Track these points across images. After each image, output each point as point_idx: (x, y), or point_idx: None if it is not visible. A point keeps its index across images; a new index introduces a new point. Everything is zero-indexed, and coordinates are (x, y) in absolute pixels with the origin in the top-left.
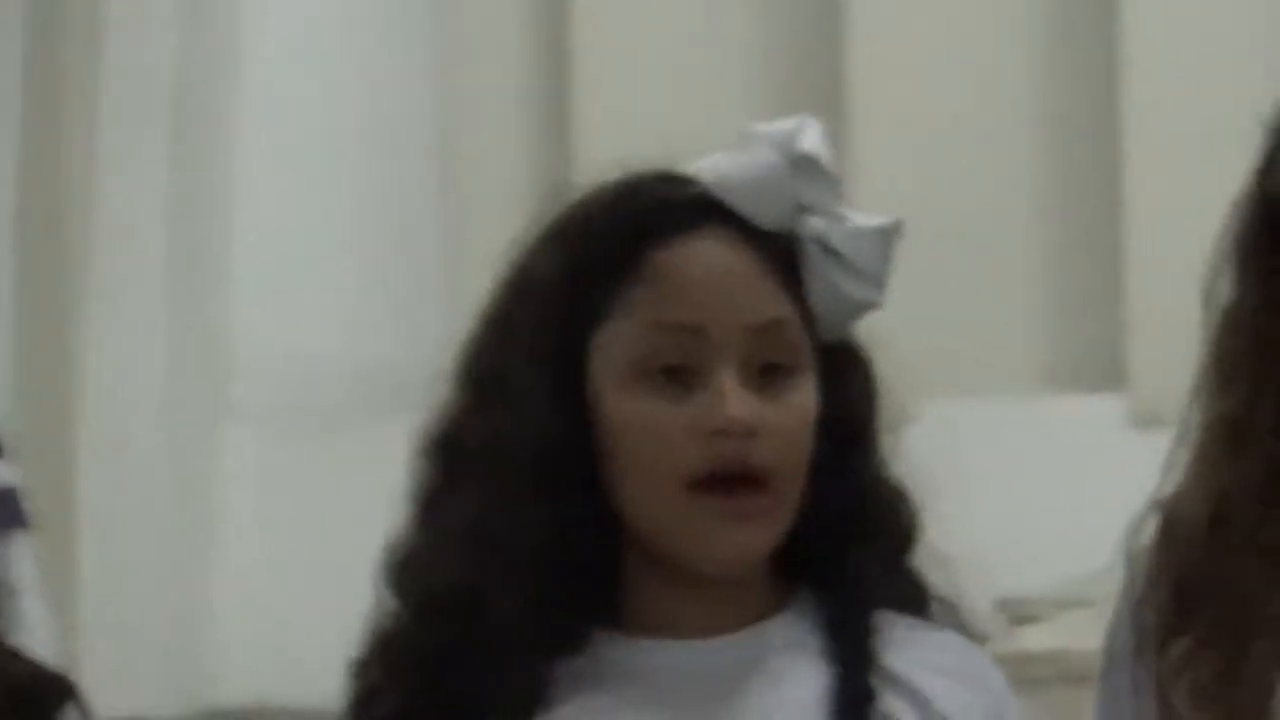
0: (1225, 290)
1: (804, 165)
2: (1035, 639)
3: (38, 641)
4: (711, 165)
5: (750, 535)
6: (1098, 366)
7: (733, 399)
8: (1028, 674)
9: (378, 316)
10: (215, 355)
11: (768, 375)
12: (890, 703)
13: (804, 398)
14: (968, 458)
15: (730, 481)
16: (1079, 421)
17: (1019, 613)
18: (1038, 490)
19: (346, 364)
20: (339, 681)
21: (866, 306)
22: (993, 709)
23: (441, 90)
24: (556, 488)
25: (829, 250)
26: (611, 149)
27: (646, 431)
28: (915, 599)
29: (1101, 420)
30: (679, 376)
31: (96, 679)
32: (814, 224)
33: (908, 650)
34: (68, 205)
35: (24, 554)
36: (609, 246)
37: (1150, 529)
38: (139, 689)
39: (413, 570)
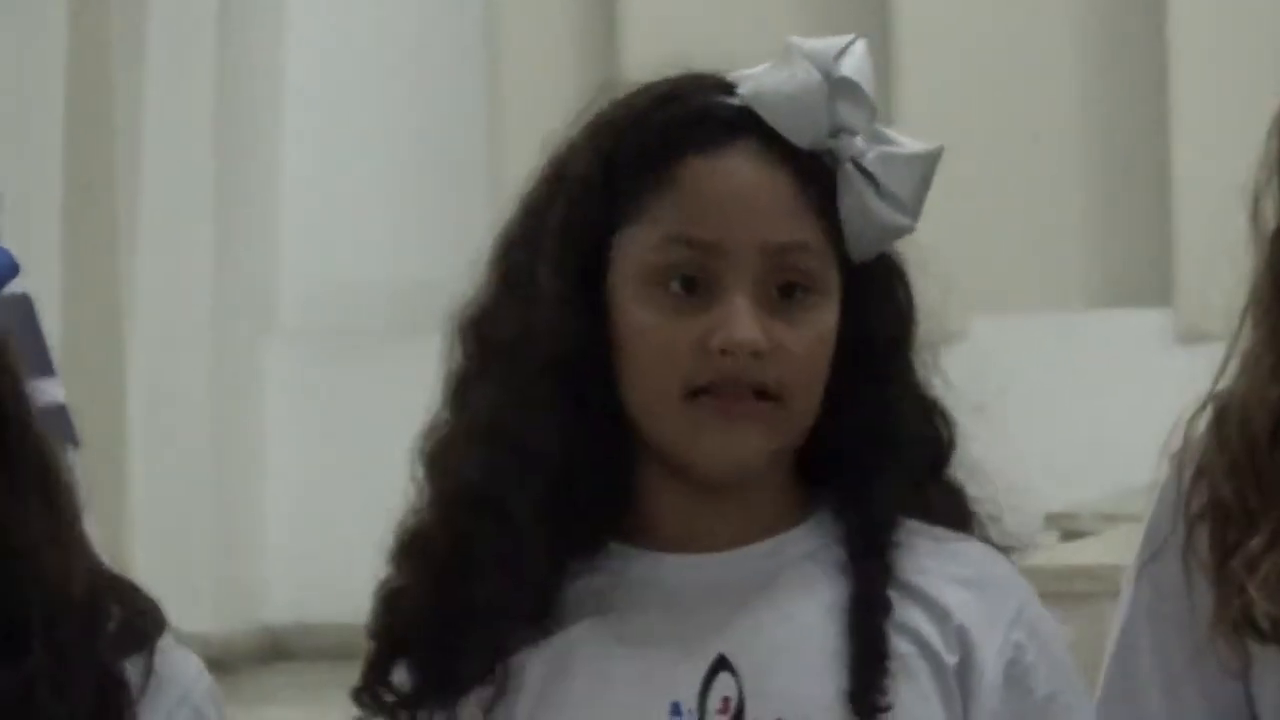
0: (1271, 210)
1: (844, 87)
2: (1084, 553)
3: None
4: (751, 78)
5: (744, 436)
6: (1144, 283)
7: (743, 321)
8: (1076, 589)
9: (417, 240)
10: (260, 276)
11: (786, 295)
12: (909, 613)
13: (821, 320)
14: (1017, 373)
15: (732, 390)
16: (1126, 337)
17: (1068, 527)
18: (1085, 405)
19: (386, 286)
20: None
21: (899, 231)
22: (1015, 614)
23: (489, 16)
24: (573, 390)
25: (864, 173)
26: (658, 68)
27: (654, 341)
28: (951, 512)
29: (1148, 335)
30: (694, 288)
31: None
32: (851, 145)
33: (929, 561)
34: (116, 124)
35: (73, 471)
36: (641, 152)
37: (1198, 425)
38: (191, 607)
39: (441, 460)
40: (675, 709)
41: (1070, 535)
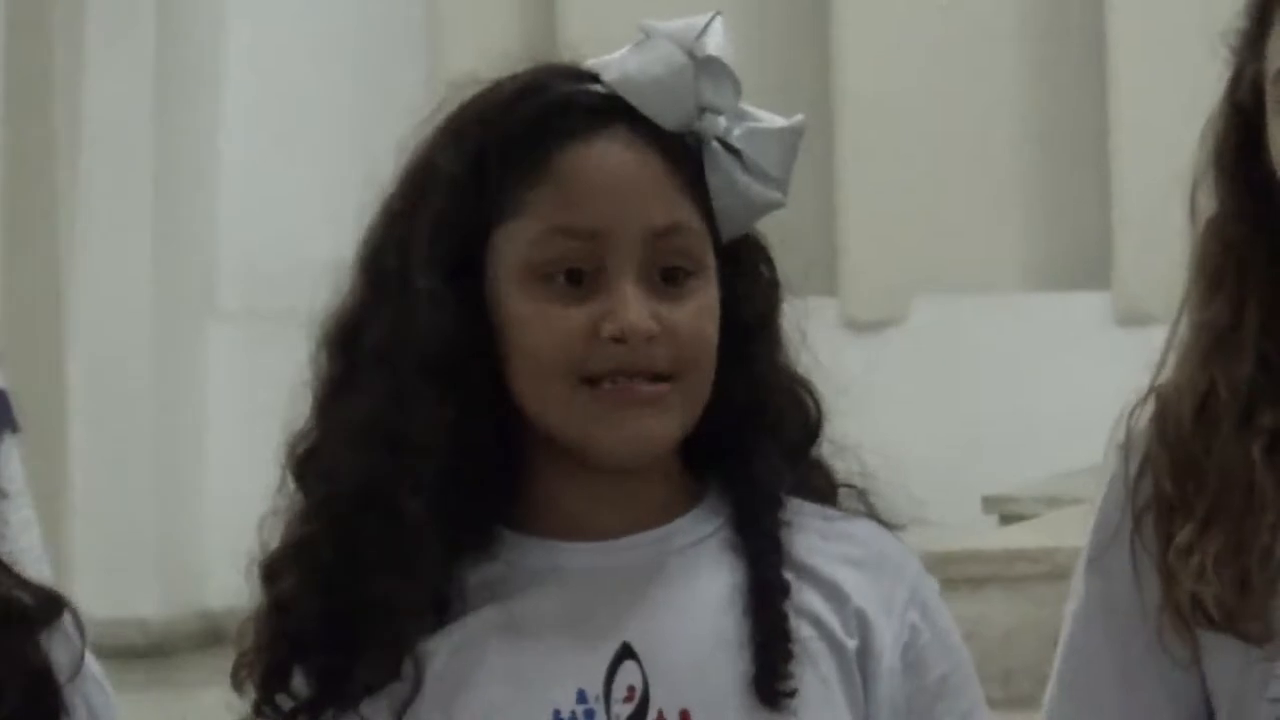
0: (1206, 201)
1: (709, 65)
2: (1023, 537)
3: (25, 544)
4: (614, 64)
5: (650, 423)
6: (1084, 266)
7: (633, 307)
8: (1016, 571)
9: (355, 223)
10: (200, 259)
11: (669, 278)
12: (806, 596)
13: (706, 300)
14: (958, 355)
15: (627, 377)
16: (1065, 319)
17: (1007, 510)
18: (1025, 388)
19: (324, 267)
20: None
21: (768, 206)
22: (910, 597)
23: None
24: (456, 385)
25: (731, 150)
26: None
27: (544, 332)
28: (823, 487)
29: (1087, 318)
30: (580, 278)
31: (87, 581)
32: (716, 124)
33: (820, 542)
34: (55, 109)
35: (12, 457)
36: (510, 145)
37: (1142, 417)
38: (131, 591)
39: (318, 468)
40: (581, 696)
41: (1009, 518)
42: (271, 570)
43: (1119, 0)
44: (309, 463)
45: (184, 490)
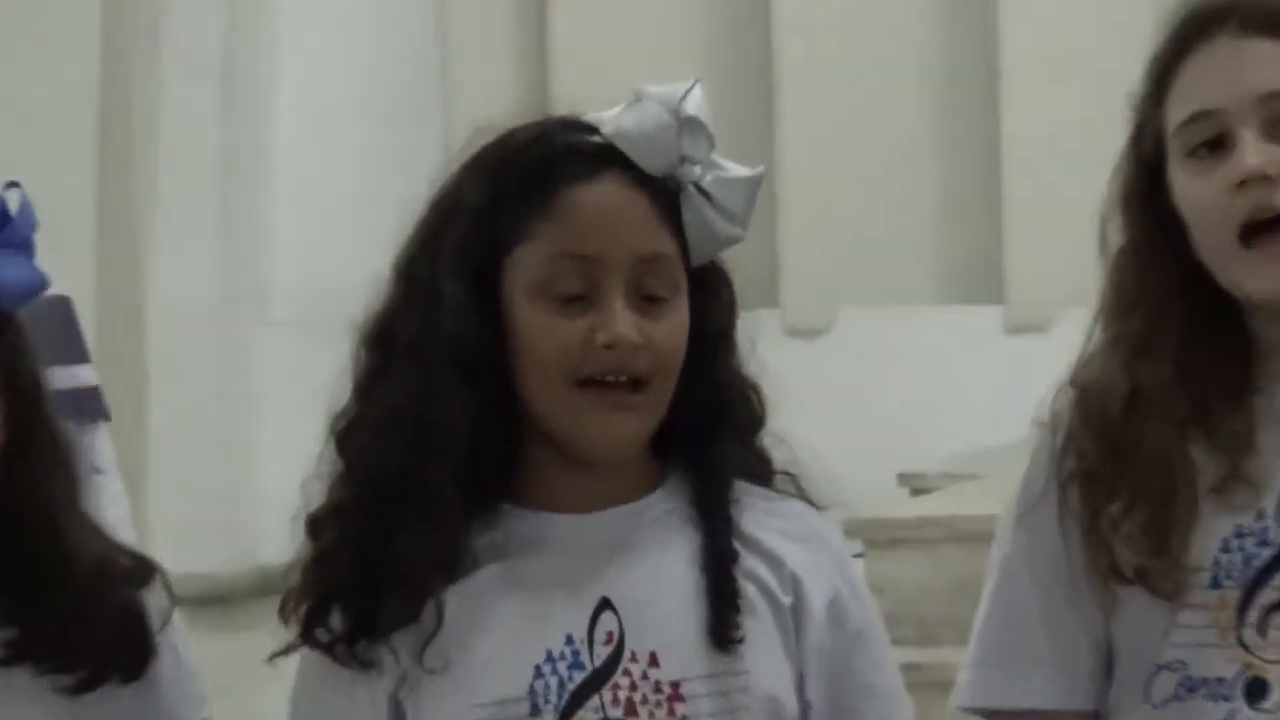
0: (1114, 234)
1: (689, 124)
2: (930, 505)
3: (116, 515)
4: (612, 120)
5: (625, 423)
6: (981, 283)
7: (621, 320)
8: (924, 535)
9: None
10: (257, 275)
11: (650, 299)
12: (751, 562)
13: (679, 318)
14: (879, 357)
15: (612, 383)
16: (965, 328)
17: (916, 485)
18: (931, 385)
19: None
20: None
21: (731, 240)
22: (834, 564)
23: (445, 59)
24: (473, 380)
25: (704, 193)
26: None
27: (547, 339)
28: (762, 471)
29: (982, 328)
30: (577, 294)
31: (164, 543)
32: (693, 172)
33: (763, 519)
34: (138, 153)
35: (105, 441)
36: (524, 183)
37: (1061, 403)
38: (200, 551)
39: (355, 443)
40: (569, 639)
41: (918, 491)
42: (314, 526)
43: (1011, 45)
44: (347, 437)
45: (242, 467)
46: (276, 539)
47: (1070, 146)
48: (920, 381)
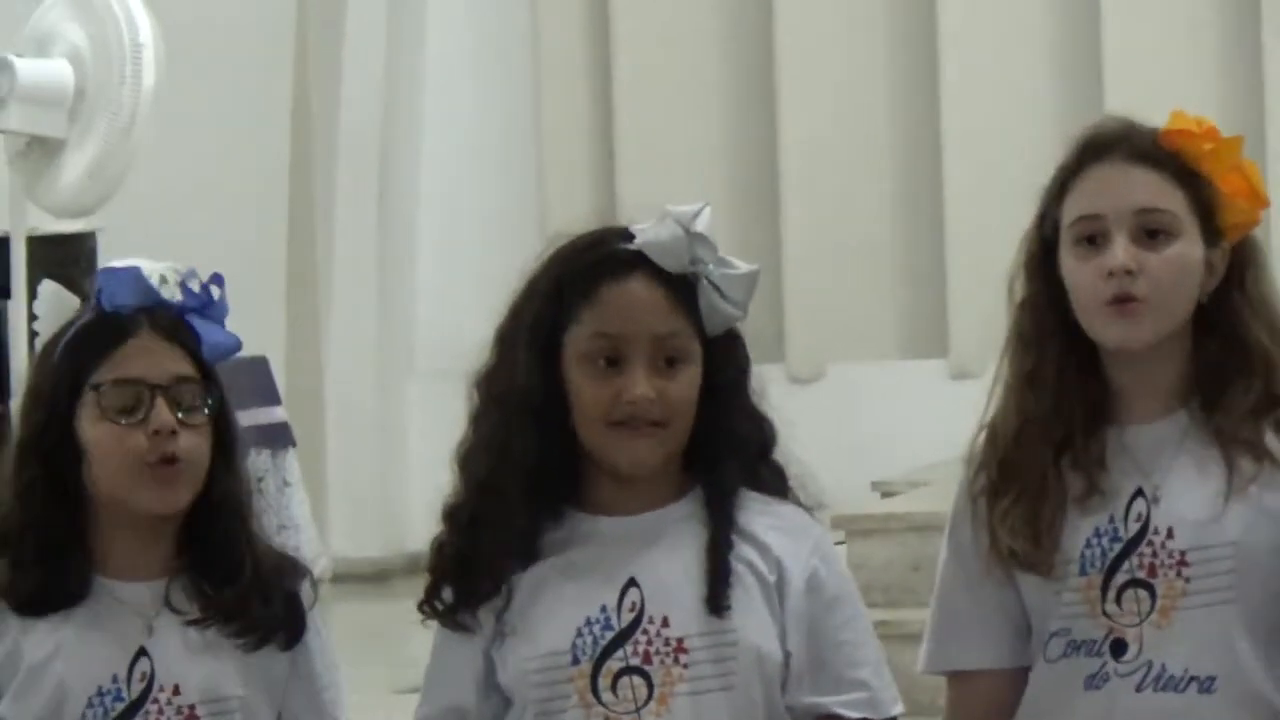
0: (1020, 289)
1: (698, 238)
2: (895, 505)
3: (302, 515)
4: (642, 231)
5: (643, 450)
6: (929, 339)
7: (640, 384)
8: (890, 525)
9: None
10: (406, 335)
11: (669, 363)
12: (745, 550)
13: (689, 376)
14: (857, 399)
15: (635, 423)
16: (919, 376)
17: (885, 490)
18: (895, 419)
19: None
20: None
21: (734, 320)
22: (812, 548)
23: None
24: (539, 421)
25: (713, 286)
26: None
27: (589, 395)
28: (776, 483)
29: (931, 376)
30: (612, 363)
31: (338, 536)
32: (705, 270)
33: (759, 518)
34: (318, 238)
35: (293, 461)
36: (577, 279)
37: (976, 443)
38: (365, 540)
39: (464, 464)
40: (603, 609)
41: (887, 494)
42: (443, 519)
43: (951, 125)
44: (462, 462)
45: (396, 479)
46: (422, 531)
47: (1006, 232)
48: (887, 416)
